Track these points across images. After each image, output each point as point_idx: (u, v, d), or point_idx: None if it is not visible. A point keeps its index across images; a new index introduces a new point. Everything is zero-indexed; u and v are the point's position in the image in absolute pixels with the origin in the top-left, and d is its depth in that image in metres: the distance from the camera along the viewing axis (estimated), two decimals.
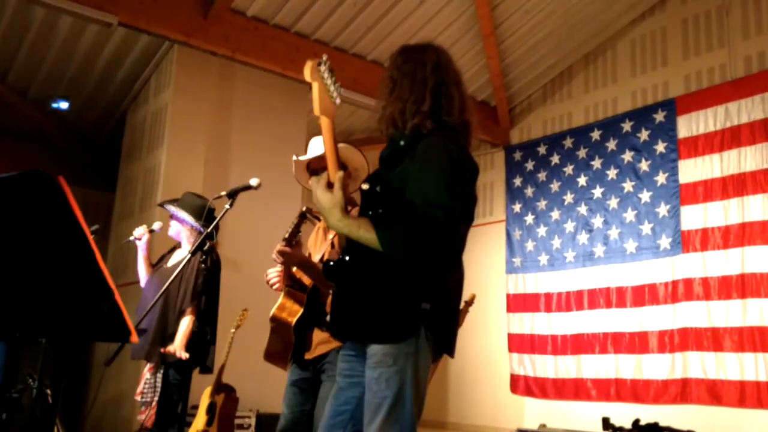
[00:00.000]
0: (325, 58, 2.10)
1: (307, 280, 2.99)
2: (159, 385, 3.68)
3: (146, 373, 3.73)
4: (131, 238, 4.05)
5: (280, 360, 2.96)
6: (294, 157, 3.08)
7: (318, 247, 3.11)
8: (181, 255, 4.02)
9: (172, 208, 3.99)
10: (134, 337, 1.39)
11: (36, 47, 6.47)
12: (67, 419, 5.86)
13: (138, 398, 3.71)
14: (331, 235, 3.01)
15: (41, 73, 6.85)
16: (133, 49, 6.68)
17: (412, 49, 2.22)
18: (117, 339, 1.39)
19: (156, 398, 3.64)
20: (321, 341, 2.89)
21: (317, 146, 3.09)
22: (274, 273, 3.01)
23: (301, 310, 2.90)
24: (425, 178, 1.95)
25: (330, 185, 1.98)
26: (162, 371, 3.69)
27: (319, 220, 3.09)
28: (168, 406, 3.69)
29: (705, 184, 6.40)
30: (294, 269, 3.02)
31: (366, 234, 1.91)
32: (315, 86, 2.04)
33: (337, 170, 2.05)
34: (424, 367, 1.98)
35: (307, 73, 2.05)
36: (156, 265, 4.12)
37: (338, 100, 2.12)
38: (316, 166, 3.05)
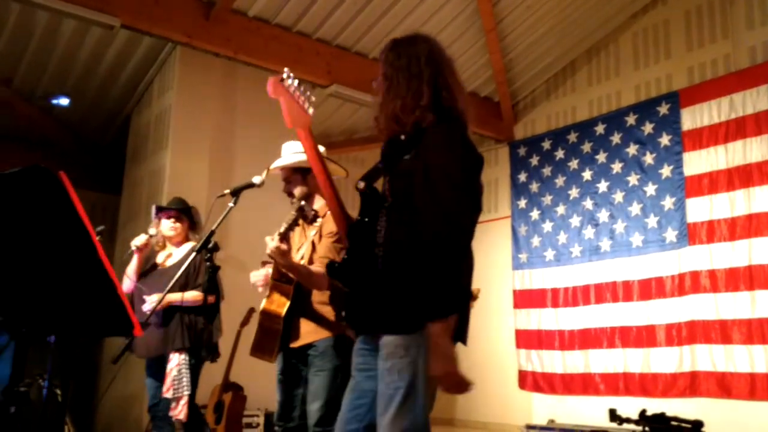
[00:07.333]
0: (287, 71, 2.12)
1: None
2: (186, 379, 3.74)
3: (172, 369, 3.77)
4: (133, 249, 4.03)
5: (267, 353, 3.01)
6: (271, 167, 3.18)
7: (297, 243, 3.16)
8: (179, 255, 4.08)
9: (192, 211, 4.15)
10: (138, 331, 1.40)
11: (40, 51, 6.50)
12: (79, 419, 5.89)
13: (167, 395, 3.74)
14: (312, 232, 3.06)
15: (45, 77, 6.88)
16: (136, 52, 6.70)
17: (402, 42, 2.18)
18: (120, 333, 1.40)
19: (186, 392, 3.70)
20: (309, 330, 2.96)
21: (287, 153, 3.21)
22: (259, 277, 3.09)
23: (288, 302, 2.97)
24: (434, 178, 1.93)
25: None
26: (188, 365, 3.75)
27: (316, 215, 3.14)
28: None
29: (710, 176, 6.38)
30: None
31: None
32: (281, 102, 2.06)
33: (327, 179, 2.11)
34: None
35: (270, 90, 2.07)
36: (148, 271, 4.14)
37: (311, 110, 2.14)
38: (285, 175, 3.18)
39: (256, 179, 3.10)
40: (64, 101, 6.37)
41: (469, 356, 8.16)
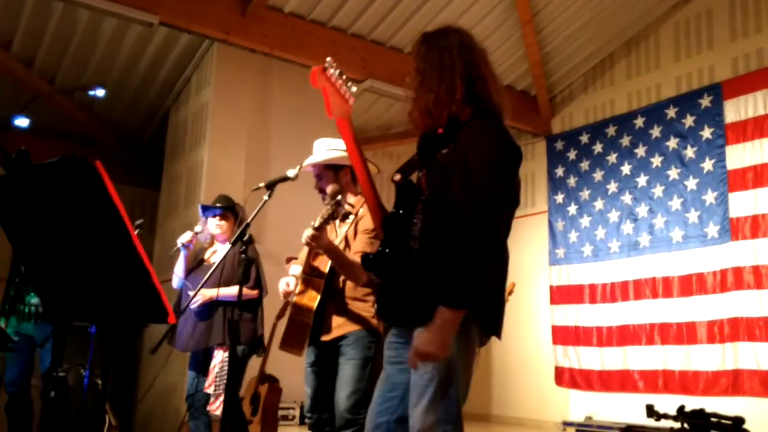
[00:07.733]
0: (329, 60, 2.10)
1: (323, 268, 3.07)
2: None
3: (216, 366, 3.83)
4: (180, 246, 4.08)
5: (296, 346, 3.04)
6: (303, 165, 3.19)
7: (330, 237, 3.18)
8: (224, 251, 4.14)
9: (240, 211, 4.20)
10: (171, 318, 1.42)
11: (81, 49, 6.64)
12: (119, 407, 6.03)
13: (209, 390, 3.82)
14: (345, 228, 3.07)
15: (87, 75, 7.03)
16: (174, 50, 6.80)
17: (433, 35, 2.15)
18: (155, 320, 1.42)
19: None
20: (340, 324, 2.99)
21: (319, 149, 3.23)
22: (290, 283, 3.10)
23: (319, 296, 3.00)
24: (474, 170, 1.92)
25: None
26: (227, 359, 3.81)
27: (353, 207, 3.15)
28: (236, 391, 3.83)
29: (755, 170, 6.21)
30: (311, 259, 3.11)
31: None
32: (323, 91, 2.06)
33: (365, 170, 2.10)
34: (470, 350, 1.98)
35: (312, 80, 2.06)
36: (195, 267, 4.20)
37: (352, 100, 2.13)
38: (317, 172, 3.20)
39: (291, 172, 3.12)
40: (100, 92, 6.52)
41: (506, 352, 8.09)
